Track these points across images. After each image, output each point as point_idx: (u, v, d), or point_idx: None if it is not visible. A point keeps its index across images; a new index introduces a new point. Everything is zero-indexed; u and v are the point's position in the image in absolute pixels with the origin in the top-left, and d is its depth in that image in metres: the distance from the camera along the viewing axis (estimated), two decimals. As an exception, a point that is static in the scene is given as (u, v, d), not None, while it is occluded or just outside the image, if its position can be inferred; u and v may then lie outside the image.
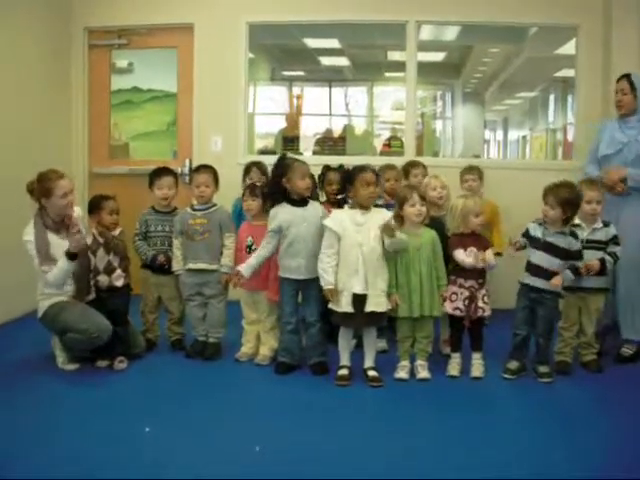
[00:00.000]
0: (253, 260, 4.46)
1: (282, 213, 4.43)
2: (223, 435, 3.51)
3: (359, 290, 4.19)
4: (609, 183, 4.79)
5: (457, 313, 4.39)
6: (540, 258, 4.33)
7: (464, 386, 4.28)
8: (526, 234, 4.42)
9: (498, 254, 4.76)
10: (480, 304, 4.35)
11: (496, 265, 4.43)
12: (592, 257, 4.43)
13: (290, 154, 4.64)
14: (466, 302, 4.36)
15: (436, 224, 4.53)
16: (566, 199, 4.27)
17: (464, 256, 4.36)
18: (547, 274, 4.32)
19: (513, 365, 4.41)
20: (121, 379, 4.35)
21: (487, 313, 4.38)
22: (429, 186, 4.89)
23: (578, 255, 4.35)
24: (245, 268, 4.44)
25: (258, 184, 4.82)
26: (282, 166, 4.46)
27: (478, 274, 4.38)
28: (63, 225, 4.48)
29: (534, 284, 4.35)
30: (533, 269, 4.35)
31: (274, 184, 4.50)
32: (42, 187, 4.39)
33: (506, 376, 4.37)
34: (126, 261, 4.68)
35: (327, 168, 5.20)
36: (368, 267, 4.20)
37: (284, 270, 4.46)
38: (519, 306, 4.44)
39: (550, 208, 4.30)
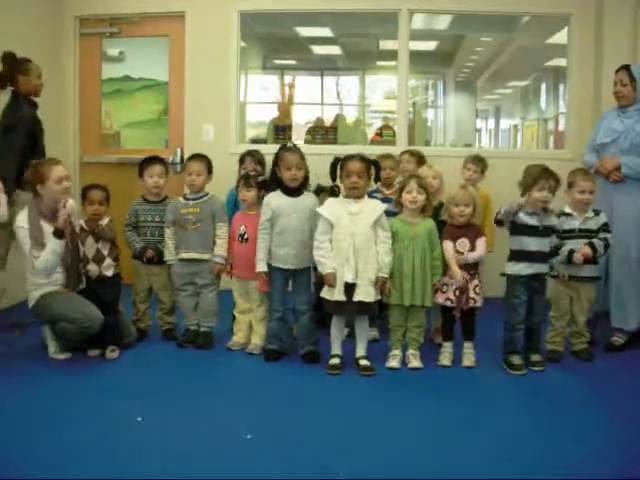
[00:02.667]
0: (261, 254, 4.47)
1: (274, 201, 4.46)
2: (215, 424, 3.51)
3: (350, 279, 4.20)
4: (604, 172, 4.81)
5: (448, 304, 4.40)
6: (540, 244, 4.32)
7: (456, 375, 4.29)
8: (513, 220, 4.33)
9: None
10: (471, 295, 4.36)
11: (483, 258, 4.42)
12: (583, 245, 4.46)
13: (290, 144, 4.62)
14: (457, 293, 4.36)
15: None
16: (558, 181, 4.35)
17: (451, 249, 4.37)
18: (544, 257, 4.35)
19: (519, 359, 4.36)
20: (113, 368, 4.35)
21: (478, 304, 4.39)
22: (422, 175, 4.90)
23: (554, 232, 4.43)
24: (259, 266, 4.47)
25: (252, 174, 4.80)
26: (277, 156, 4.51)
27: (470, 265, 4.38)
28: (57, 214, 4.46)
29: (536, 271, 4.33)
30: (532, 256, 4.31)
31: (271, 173, 4.57)
32: (37, 173, 4.38)
33: (518, 373, 4.29)
34: (116, 250, 4.67)
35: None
36: (359, 256, 4.21)
37: (273, 258, 4.47)
38: (522, 300, 4.34)
39: (550, 192, 4.28)
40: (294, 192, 4.46)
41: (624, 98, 4.89)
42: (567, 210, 4.55)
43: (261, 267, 4.47)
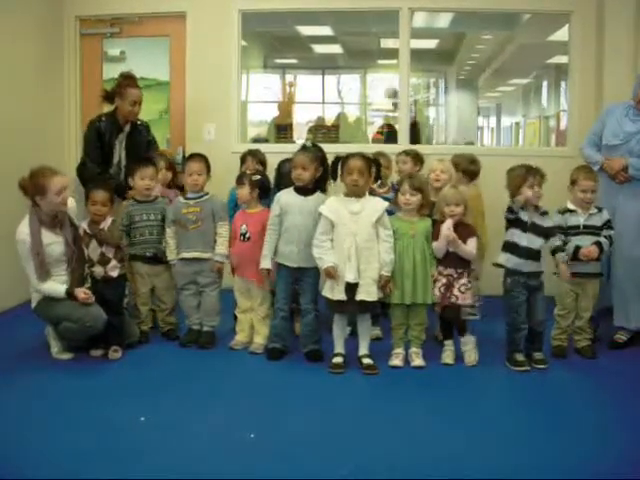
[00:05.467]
0: (266, 251, 4.49)
1: (284, 198, 4.48)
2: (218, 423, 3.51)
3: (351, 279, 4.20)
4: (610, 172, 4.79)
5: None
6: (529, 241, 4.32)
7: (458, 374, 4.29)
8: (511, 215, 4.35)
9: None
10: (455, 292, 4.35)
11: (471, 256, 4.37)
12: (589, 242, 4.45)
13: (308, 143, 4.65)
14: (442, 289, 4.36)
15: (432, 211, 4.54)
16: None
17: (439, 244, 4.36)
18: (533, 254, 4.34)
19: (522, 356, 4.36)
20: (116, 368, 4.35)
21: (463, 302, 4.36)
22: (431, 169, 4.93)
23: (554, 232, 4.42)
24: (264, 263, 4.48)
25: (248, 172, 4.81)
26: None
27: (457, 263, 4.36)
28: (57, 221, 4.46)
29: (526, 269, 4.32)
30: (521, 251, 4.31)
31: (276, 173, 4.65)
32: (36, 184, 4.33)
33: (522, 369, 4.30)
34: (121, 251, 4.66)
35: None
36: (360, 256, 4.21)
37: (279, 256, 4.49)
38: (521, 300, 4.33)
39: (539, 187, 4.31)
40: (304, 191, 4.46)
41: None
42: (570, 207, 4.56)
43: (265, 264, 4.48)
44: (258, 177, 4.74)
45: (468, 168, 5.29)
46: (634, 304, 4.78)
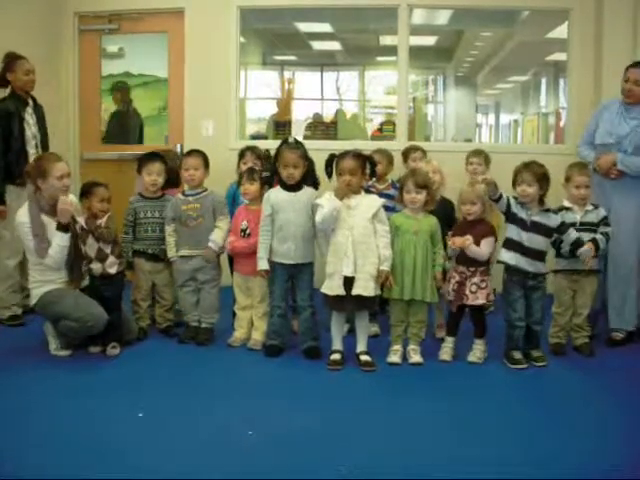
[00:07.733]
0: (261, 252, 4.47)
1: (273, 197, 4.48)
2: (216, 420, 3.51)
3: (348, 273, 4.20)
4: (601, 171, 4.78)
5: (446, 295, 4.43)
6: (530, 239, 4.29)
7: (457, 371, 4.29)
8: (507, 203, 4.31)
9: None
10: (466, 291, 4.36)
11: (482, 255, 4.35)
12: (586, 239, 4.43)
13: (292, 139, 4.63)
14: (455, 287, 4.37)
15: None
16: (542, 174, 4.28)
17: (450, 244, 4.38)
18: (536, 254, 4.32)
19: (519, 354, 4.37)
20: (114, 365, 4.34)
21: (473, 302, 4.36)
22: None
23: (563, 229, 4.37)
24: (261, 264, 4.47)
25: (257, 168, 4.81)
26: (277, 151, 4.53)
27: (470, 261, 4.36)
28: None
29: (529, 269, 4.31)
30: (521, 249, 4.29)
31: (273, 169, 4.57)
32: (39, 167, 4.39)
33: (520, 367, 4.30)
34: (119, 246, 4.65)
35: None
36: (357, 250, 4.21)
37: (274, 254, 4.48)
38: (516, 296, 4.33)
39: (528, 186, 4.25)
40: (292, 187, 4.46)
41: (633, 97, 4.77)
42: (567, 204, 4.56)
43: (262, 265, 4.47)
44: (268, 174, 4.74)
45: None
46: (630, 305, 4.78)
